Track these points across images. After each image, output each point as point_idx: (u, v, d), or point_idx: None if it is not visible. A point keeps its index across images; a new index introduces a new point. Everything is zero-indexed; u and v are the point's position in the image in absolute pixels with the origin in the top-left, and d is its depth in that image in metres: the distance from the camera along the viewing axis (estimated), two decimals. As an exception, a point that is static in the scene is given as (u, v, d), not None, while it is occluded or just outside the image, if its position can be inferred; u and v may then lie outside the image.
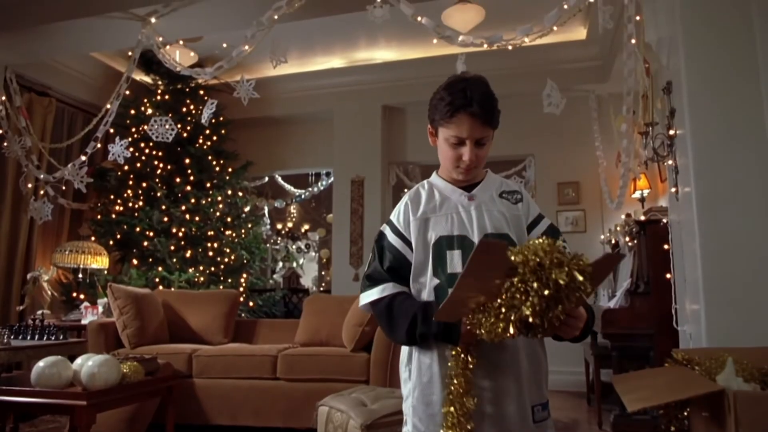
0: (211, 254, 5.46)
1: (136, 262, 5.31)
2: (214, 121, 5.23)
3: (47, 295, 4.95)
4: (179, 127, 5.12)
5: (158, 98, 5.65)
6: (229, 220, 5.71)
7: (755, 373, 1.40)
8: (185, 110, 5.64)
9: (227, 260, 5.59)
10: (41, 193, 4.79)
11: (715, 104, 2.73)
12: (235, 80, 4.16)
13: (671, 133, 3.02)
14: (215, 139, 5.81)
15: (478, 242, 1.01)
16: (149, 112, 5.43)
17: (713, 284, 2.61)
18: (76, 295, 5.14)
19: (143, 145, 5.47)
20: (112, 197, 5.48)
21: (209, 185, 5.65)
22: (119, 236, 5.33)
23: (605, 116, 5.02)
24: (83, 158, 4.44)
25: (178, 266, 5.25)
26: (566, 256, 1.03)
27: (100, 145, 4.54)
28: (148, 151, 5.50)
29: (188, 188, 5.46)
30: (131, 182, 5.45)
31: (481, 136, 1.33)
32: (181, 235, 5.34)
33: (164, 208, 5.32)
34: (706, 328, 2.60)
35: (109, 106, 4.34)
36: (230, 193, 5.81)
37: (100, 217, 5.47)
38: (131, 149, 4.50)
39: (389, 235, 1.40)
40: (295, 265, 9.94)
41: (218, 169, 5.76)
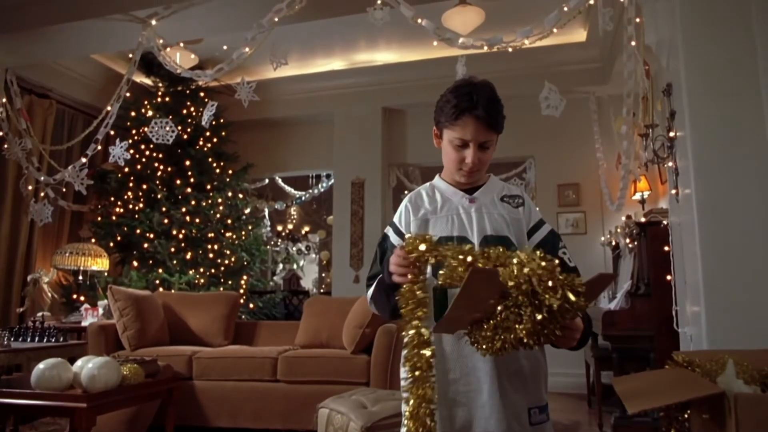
0: (211, 256, 5.46)
1: (136, 264, 5.31)
2: (214, 123, 5.24)
3: (47, 297, 4.94)
4: (179, 129, 5.13)
5: (159, 100, 5.66)
6: (229, 222, 5.71)
7: (756, 375, 1.40)
8: (186, 112, 5.64)
9: (227, 262, 5.59)
10: (41, 195, 4.79)
11: (715, 106, 2.73)
12: (235, 82, 4.17)
13: (671, 134, 3.02)
14: (216, 141, 5.81)
15: (470, 270, 1.02)
16: (150, 114, 5.43)
17: (714, 286, 2.61)
18: (76, 297, 5.15)
19: (144, 147, 5.47)
20: (112, 199, 5.48)
21: (210, 187, 5.66)
22: (119, 238, 5.33)
23: (605, 118, 5.02)
24: (83, 160, 4.45)
25: (178, 268, 5.25)
26: (560, 279, 1.02)
27: (100, 147, 4.54)
28: (148, 153, 5.50)
29: (189, 190, 5.46)
30: (131, 184, 5.45)
31: (485, 139, 1.35)
32: (181, 237, 5.34)
33: (164, 210, 5.32)
34: (706, 329, 2.60)
35: (109, 108, 4.34)
36: (230, 195, 5.81)
37: (100, 219, 5.47)
38: (131, 151, 4.52)
39: (392, 236, 1.43)
40: (295, 267, 9.94)
41: (218, 170, 5.76)
